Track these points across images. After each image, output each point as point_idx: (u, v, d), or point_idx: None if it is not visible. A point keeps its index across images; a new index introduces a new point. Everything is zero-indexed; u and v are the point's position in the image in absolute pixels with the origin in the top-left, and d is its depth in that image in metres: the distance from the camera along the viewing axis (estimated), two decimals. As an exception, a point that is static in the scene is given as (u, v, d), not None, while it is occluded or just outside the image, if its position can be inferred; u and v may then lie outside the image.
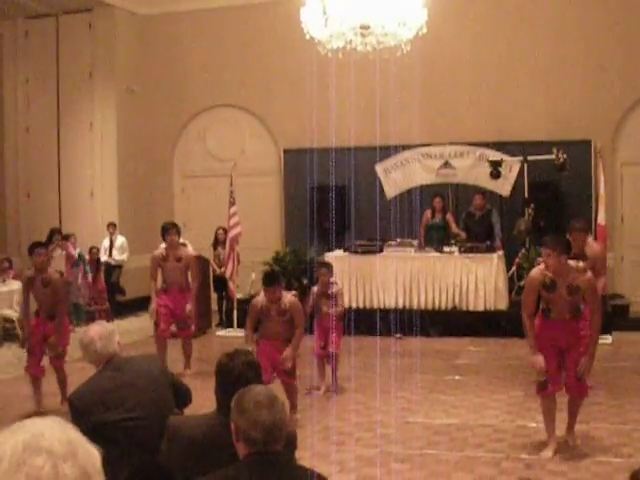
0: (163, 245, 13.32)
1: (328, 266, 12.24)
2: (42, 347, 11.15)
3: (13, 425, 1.87)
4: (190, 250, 14.47)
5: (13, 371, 13.40)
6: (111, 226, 18.97)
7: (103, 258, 18.72)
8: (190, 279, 13.18)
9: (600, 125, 17.72)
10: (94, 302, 18.13)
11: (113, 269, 18.91)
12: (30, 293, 11.18)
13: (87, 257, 18.21)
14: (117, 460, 4.80)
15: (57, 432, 1.85)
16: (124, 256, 18.93)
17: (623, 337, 15.23)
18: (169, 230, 12.88)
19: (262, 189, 19.99)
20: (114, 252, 18.92)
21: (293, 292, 10.62)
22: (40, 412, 10.71)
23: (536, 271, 8.93)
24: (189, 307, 12.95)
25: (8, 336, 16.14)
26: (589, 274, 8.74)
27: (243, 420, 3.79)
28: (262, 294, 10.26)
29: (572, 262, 8.70)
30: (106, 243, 18.96)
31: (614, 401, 10.82)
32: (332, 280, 12.10)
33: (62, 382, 11.17)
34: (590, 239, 11.42)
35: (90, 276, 18.05)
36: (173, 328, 13.29)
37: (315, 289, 12.02)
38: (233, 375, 4.54)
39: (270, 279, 10.19)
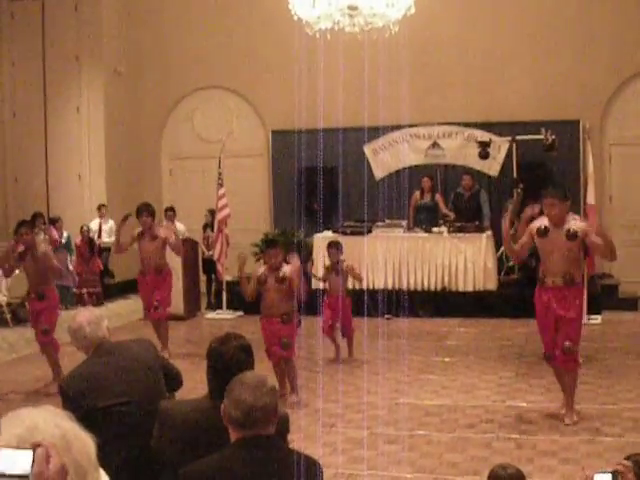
0: None
1: (337, 245, 12.70)
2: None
3: (8, 415, 1.85)
4: (176, 229, 14.53)
5: (4, 356, 13.39)
6: (103, 208, 18.83)
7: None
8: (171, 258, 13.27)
9: (588, 105, 17.71)
10: (85, 285, 17.96)
11: (101, 252, 18.78)
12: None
13: (79, 238, 18.03)
14: (109, 446, 4.77)
15: (51, 425, 1.83)
16: (112, 238, 18.77)
17: (612, 317, 15.27)
18: (141, 212, 13.01)
19: (250, 170, 19.94)
20: (103, 234, 18.78)
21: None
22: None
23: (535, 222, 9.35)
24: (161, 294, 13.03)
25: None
26: (585, 223, 9.21)
27: (227, 401, 3.82)
28: (263, 266, 10.53)
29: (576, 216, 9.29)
30: (95, 225, 18.81)
31: (604, 381, 10.86)
32: (341, 258, 12.36)
33: (52, 362, 11.18)
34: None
35: (73, 260, 17.91)
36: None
37: (326, 264, 12.63)
38: (224, 359, 4.52)
39: (272, 241, 10.46)
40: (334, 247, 12.63)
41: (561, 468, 7.72)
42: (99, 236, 18.70)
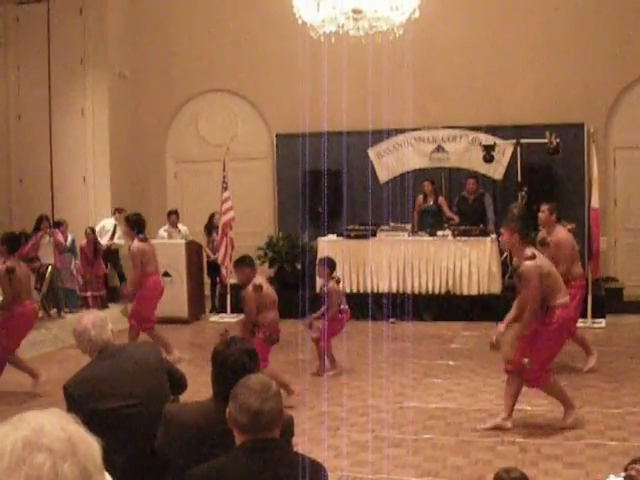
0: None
1: (323, 263, 12.19)
2: None
3: (13, 418, 1.85)
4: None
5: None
6: (124, 211, 18.54)
7: (104, 242, 18.39)
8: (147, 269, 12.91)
9: (593, 108, 17.69)
10: (89, 288, 17.88)
11: (110, 253, 18.49)
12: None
13: (84, 240, 17.95)
14: (114, 448, 4.77)
15: (57, 428, 1.83)
16: (122, 241, 18.61)
17: (617, 320, 15.25)
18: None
19: (254, 174, 19.94)
20: (115, 236, 18.50)
21: (258, 281, 10.46)
22: None
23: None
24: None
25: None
26: (529, 262, 8.75)
27: (233, 405, 3.82)
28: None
29: (529, 251, 8.80)
30: (109, 225, 18.53)
31: (608, 385, 10.85)
32: (334, 276, 12.12)
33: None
34: (559, 227, 11.59)
35: (77, 263, 17.83)
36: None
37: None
38: (229, 362, 4.54)
39: (238, 260, 10.47)
40: (320, 266, 12.29)
41: (565, 472, 7.72)
42: (112, 237, 18.49)
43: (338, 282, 12.16)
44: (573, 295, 10.36)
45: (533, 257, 8.72)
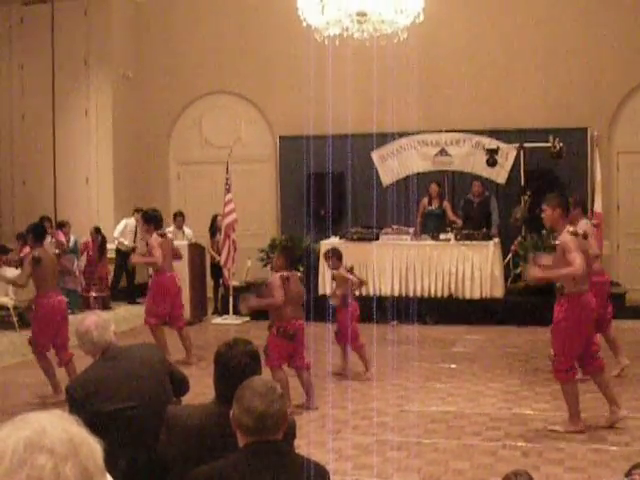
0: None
1: (329, 254, 12.28)
2: None
3: (15, 419, 1.85)
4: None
5: (10, 359, 13.38)
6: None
7: (128, 242, 18.36)
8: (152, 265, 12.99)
9: (597, 113, 17.70)
10: (92, 289, 17.87)
11: (126, 255, 18.37)
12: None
13: (89, 239, 17.96)
14: (116, 449, 4.77)
15: (59, 429, 1.83)
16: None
17: (619, 325, 15.13)
18: None
19: (258, 176, 19.95)
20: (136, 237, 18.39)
21: (286, 274, 10.43)
22: None
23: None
24: None
25: (4, 324, 16.07)
26: (569, 236, 8.73)
27: (237, 407, 3.81)
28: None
29: (571, 228, 8.84)
30: (131, 226, 18.45)
31: (610, 389, 10.81)
32: (341, 266, 12.16)
33: (46, 374, 11.08)
34: (582, 222, 11.53)
35: (79, 264, 17.80)
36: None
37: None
38: (232, 364, 4.53)
39: (288, 246, 10.43)
40: (328, 256, 12.37)
41: (567, 476, 7.70)
42: (135, 238, 18.43)
43: (349, 271, 12.22)
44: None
45: (575, 234, 8.76)
